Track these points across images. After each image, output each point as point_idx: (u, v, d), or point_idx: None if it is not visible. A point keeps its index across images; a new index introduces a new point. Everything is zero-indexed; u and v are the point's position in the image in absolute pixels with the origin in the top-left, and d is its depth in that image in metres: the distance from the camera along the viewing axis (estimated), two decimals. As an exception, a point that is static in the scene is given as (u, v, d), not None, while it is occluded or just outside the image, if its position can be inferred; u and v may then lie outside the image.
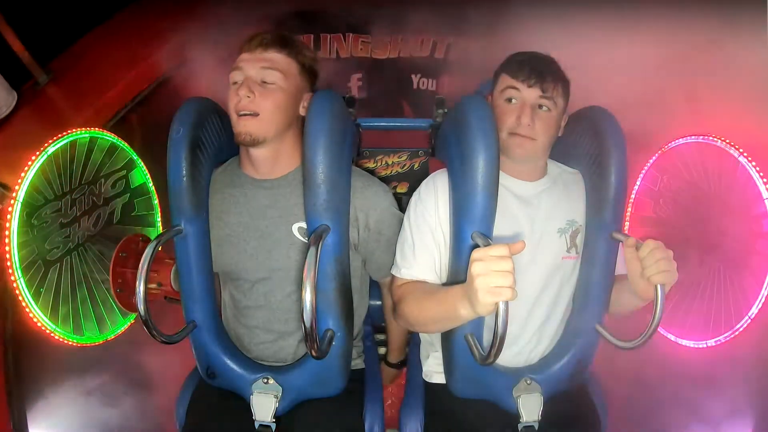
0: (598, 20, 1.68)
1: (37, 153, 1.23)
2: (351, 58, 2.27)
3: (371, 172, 1.77)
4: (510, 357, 1.16)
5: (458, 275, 1.03)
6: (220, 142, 1.16)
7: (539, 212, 1.16)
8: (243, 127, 1.07)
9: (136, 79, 1.81)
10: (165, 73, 1.84)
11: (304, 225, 1.10)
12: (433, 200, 1.12)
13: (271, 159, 1.13)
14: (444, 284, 1.10)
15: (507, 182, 1.15)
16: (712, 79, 1.52)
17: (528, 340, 1.16)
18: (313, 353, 0.94)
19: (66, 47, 1.84)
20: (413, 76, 2.32)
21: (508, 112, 1.12)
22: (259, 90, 1.07)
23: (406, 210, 1.18)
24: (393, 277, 1.17)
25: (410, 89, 2.33)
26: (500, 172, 1.13)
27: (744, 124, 1.39)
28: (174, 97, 1.70)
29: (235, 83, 1.09)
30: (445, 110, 1.46)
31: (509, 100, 1.13)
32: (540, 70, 1.11)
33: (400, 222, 1.18)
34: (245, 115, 1.06)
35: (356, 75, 2.30)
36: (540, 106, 1.11)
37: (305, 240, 1.10)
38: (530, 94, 1.11)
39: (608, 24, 1.65)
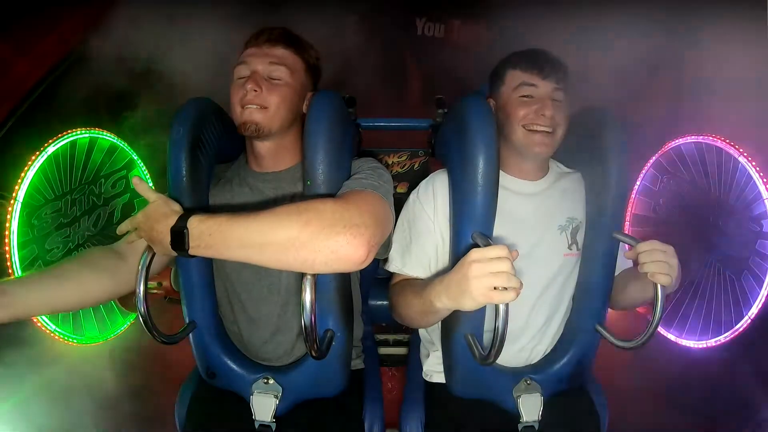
0: (598, 20, 1.68)
1: (37, 153, 1.23)
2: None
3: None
4: (511, 356, 1.16)
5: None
6: (220, 142, 1.16)
7: (540, 210, 1.16)
8: (248, 115, 1.06)
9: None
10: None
11: None
12: (431, 201, 1.13)
13: (274, 153, 1.14)
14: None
15: (508, 182, 1.15)
16: (712, 78, 1.52)
17: (530, 339, 1.16)
18: (313, 353, 0.94)
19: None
20: (417, 19, 1.97)
21: (524, 106, 1.11)
22: (266, 85, 1.07)
23: (403, 209, 1.19)
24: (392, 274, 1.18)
25: (413, 36, 1.97)
26: (501, 171, 1.14)
27: (744, 124, 1.39)
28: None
29: (241, 78, 1.09)
30: (445, 110, 1.46)
31: (527, 95, 1.12)
32: (550, 61, 1.12)
33: (373, 174, 1.05)
34: (251, 108, 1.06)
35: (351, 18, 1.94)
36: (555, 99, 1.11)
37: None
38: (546, 86, 1.11)
39: (609, 23, 1.65)
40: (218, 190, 1.16)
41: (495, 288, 0.82)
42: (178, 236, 0.86)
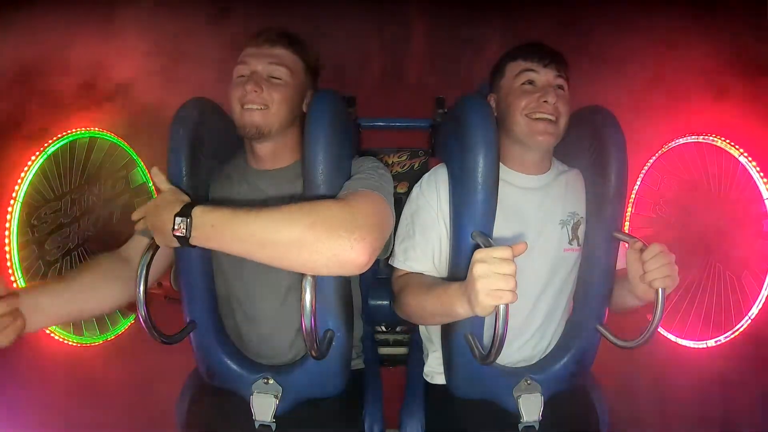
0: (598, 19, 1.68)
1: (37, 153, 1.23)
2: None
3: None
4: (513, 353, 1.15)
5: (458, 273, 1.03)
6: (220, 142, 1.16)
7: (542, 205, 1.15)
8: (249, 118, 1.07)
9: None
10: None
11: None
12: (434, 193, 1.13)
13: (273, 153, 1.14)
14: (443, 280, 1.10)
15: (510, 177, 1.15)
16: (712, 79, 1.52)
17: (530, 337, 1.16)
18: (313, 353, 0.94)
19: None
20: None
21: (527, 94, 1.11)
22: (266, 85, 1.07)
23: (406, 203, 1.19)
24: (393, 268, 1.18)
25: None
26: (504, 166, 1.14)
27: (744, 124, 1.39)
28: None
29: (241, 77, 1.09)
30: (445, 110, 1.46)
31: (528, 83, 1.12)
32: (550, 51, 1.13)
33: (374, 174, 1.05)
34: (251, 108, 1.07)
35: None
36: (557, 87, 1.11)
37: None
38: (548, 74, 1.11)
39: (609, 23, 1.65)
40: (218, 187, 1.16)
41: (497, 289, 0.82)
42: (181, 224, 0.87)
